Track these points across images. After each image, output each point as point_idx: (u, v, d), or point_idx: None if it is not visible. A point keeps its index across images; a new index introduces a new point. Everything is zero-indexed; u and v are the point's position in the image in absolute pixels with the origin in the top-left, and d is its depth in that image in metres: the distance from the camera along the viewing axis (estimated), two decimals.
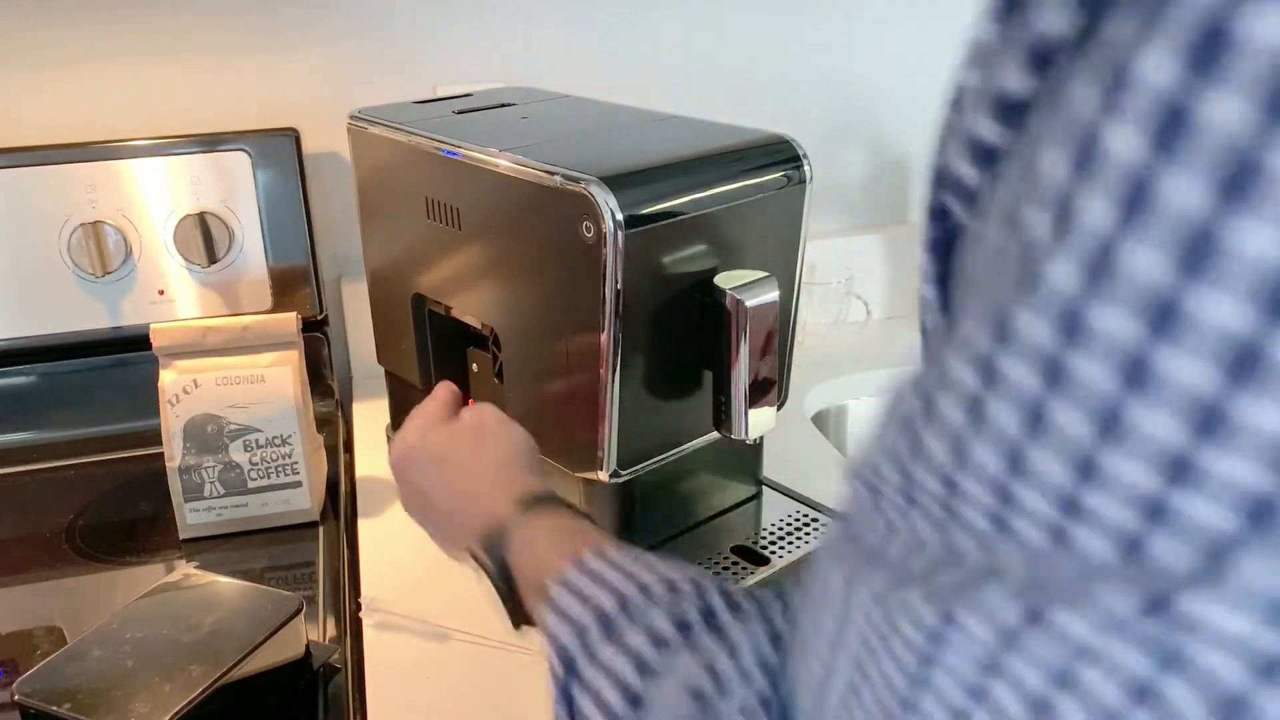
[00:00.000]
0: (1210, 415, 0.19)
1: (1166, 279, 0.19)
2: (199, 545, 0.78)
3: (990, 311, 0.23)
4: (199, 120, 0.95)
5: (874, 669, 0.26)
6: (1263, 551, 0.19)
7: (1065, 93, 0.21)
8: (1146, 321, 0.19)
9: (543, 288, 0.65)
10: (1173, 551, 0.20)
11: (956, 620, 0.24)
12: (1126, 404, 0.20)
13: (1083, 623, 0.22)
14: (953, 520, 0.24)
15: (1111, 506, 0.21)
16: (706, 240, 0.64)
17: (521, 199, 0.63)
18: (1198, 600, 0.20)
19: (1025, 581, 0.23)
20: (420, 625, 0.69)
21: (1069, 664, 0.22)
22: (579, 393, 0.64)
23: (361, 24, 0.97)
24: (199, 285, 0.94)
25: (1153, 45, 0.18)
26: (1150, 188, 0.19)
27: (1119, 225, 0.19)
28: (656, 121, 0.73)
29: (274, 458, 0.78)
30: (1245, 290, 0.18)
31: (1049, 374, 0.21)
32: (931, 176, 0.27)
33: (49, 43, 0.91)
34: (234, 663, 0.57)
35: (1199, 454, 0.19)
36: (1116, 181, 0.19)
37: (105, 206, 0.90)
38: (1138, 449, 0.20)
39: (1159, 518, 0.20)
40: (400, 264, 0.79)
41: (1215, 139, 0.18)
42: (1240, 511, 0.19)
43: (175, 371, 0.77)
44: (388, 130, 0.75)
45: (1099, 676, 0.22)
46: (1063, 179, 0.20)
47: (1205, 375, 0.19)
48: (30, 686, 0.55)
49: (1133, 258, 0.19)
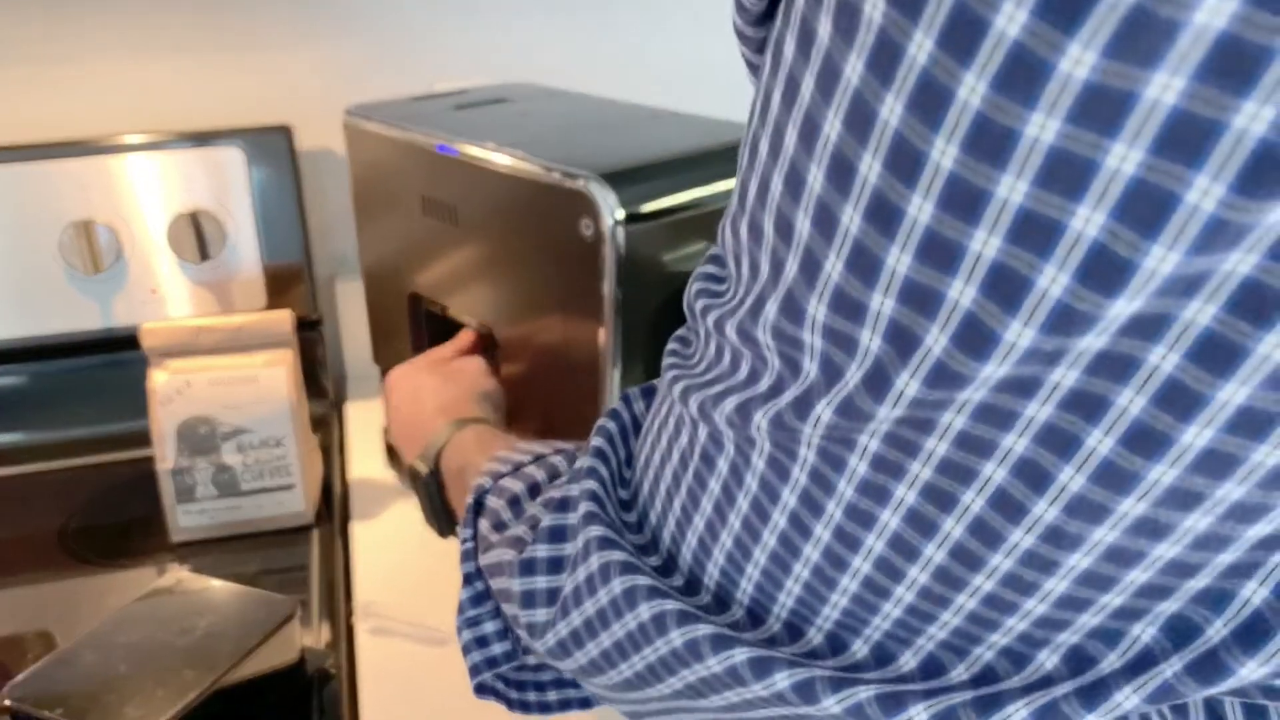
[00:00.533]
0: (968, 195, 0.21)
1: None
2: (191, 548, 0.78)
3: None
4: (191, 117, 0.94)
5: (675, 445, 0.33)
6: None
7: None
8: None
9: (541, 286, 0.64)
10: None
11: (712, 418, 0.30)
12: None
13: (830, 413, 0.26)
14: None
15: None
16: (707, 238, 0.63)
17: (519, 196, 0.63)
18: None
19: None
20: (416, 630, 0.68)
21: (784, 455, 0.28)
22: (578, 392, 0.63)
23: (357, 19, 0.96)
24: (192, 284, 0.93)
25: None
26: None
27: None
28: (656, 118, 0.73)
29: (267, 459, 0.77)
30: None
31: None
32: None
33: (39, 39, 0.90)
34: (228, 667, 0.56)
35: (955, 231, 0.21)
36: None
37: (97, 204, 0.89)
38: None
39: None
40: (396, 262, 0.78)
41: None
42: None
43: (167, 372, 0.76)
44: (383, 127, 0.74)
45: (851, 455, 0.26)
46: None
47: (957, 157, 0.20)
48: (21, 691, 0.54)
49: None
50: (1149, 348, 0.21)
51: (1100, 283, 0.20)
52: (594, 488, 0.37)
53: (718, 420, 0.30)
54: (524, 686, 0.45)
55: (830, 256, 0.24)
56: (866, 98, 0.21)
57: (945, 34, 0.19)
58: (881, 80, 0.21)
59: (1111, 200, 0.19)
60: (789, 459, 0.28)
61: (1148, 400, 0.21)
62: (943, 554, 0.26)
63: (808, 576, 0.29)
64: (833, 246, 0.23)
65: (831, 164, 0.23)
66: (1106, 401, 0.22)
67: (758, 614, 0.31)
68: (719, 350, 0.30)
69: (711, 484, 0.31)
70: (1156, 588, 0.24)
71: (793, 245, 0.25)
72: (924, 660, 0.28)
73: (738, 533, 0.30)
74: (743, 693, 0.30)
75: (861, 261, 0.23)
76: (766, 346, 0.27)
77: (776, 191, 0.25)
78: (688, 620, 0.31)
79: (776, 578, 0.30)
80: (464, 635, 0.45)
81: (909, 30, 0.20)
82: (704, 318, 0.31)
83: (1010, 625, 0.26)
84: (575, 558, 0.36)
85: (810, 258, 0.24)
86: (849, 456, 0.26)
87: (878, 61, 0.21)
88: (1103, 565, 0.24)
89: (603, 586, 0.34)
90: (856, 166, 0.22)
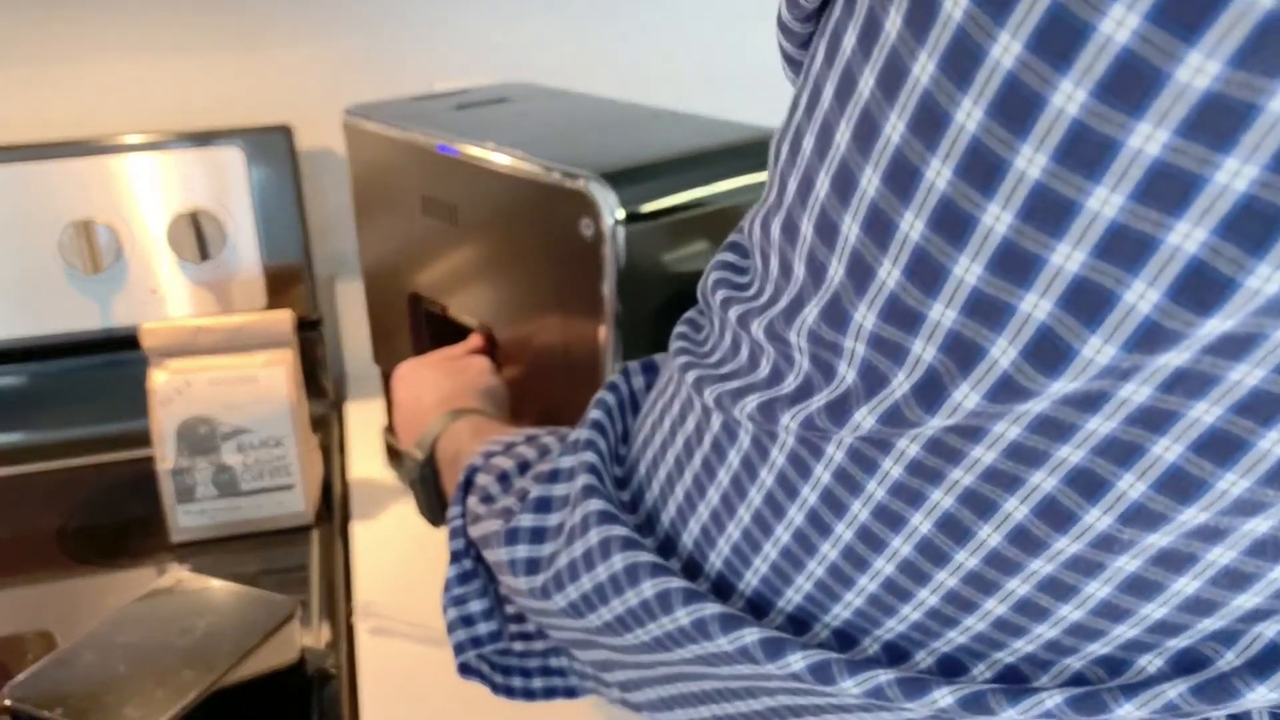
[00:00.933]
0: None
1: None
2: (191, 548, 0.77)
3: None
4: (191, 117, 0.94)
5: (680, 431, 0.33)
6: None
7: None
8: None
9: (541, 286, 0.64)
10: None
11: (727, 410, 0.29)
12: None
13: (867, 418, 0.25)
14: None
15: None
16: (707, 238, 0.63)
17: (519, 196, 0.63)
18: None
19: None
20: (416, 630, 0.68)
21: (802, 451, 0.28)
22: (578, 392, 0.63)
23: (357, 18, 0.96)
24: (191, 283, 0.93)
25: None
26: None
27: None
28: (657, 117, 0.73)
29: (267, 459, 0.77)
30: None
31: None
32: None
33: (38, 39, 0.90)
34: (228, 668, 0.56)
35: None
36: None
37: (97, 204, 0.89)
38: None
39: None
40: (396, 262, 0.78)
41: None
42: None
43: (167, 372, 0.75)
44: (383, 126, 0.74)
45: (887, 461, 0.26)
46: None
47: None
48: (21, 691, 0.54)
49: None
50: (1234, 366, 0.20)
51: (1195, 300, 0.19)
52: (592, 460, 0.36)
53: (737, 415, 0.29)
54: (509, 671, 0.45)
55: (885, 263, 0.23)
56: (938, 99, 0.21)
57: (1038, 37, 0.19)
58: (957, 82, 0.20)
59: (1218, 217, 0.18)
60: (813, 456, 0.27)
61: (1225, 409, 0.21)
62: (976, 560, 0.25)
63: (821, 574, 0.28)
64: (888, 253, 0.23)
65: (891, 167, 0.22)
66: (1177, 415, 0.21)
67: (761, 606, 0.31)
68: (735, 344, 0.30)
69: (720, 474, 0.31)
70: (1204, 602, 0.24)
71: (837, 249, 0.24)
72: (941, 660, 0.28)
73: (747, 525, 0.30)
74: (755, 669, 0.30)
75: (923, 270, 0.22)
76: (798, 349, 0.27)
77: (821, 192, 0.25)
78: (694, 599, 0.31)
79: (786, 573, 0.29)
80: (449, 613, 0.45)
81: (993, 31, 0.19)
82: (724, 310, 0.30)
83: (1039, 632, 0.26)
84: (573, 530, 0.35)
85: (860, 263, 0.24)
86: (882, 459, 0.26)
87: (954, 62, 0.20)
88: (1152, 570, 0.23)
89: (602, 562, 0.33)
90: (922, 171, 0.21)
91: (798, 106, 0.27)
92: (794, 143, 0.26)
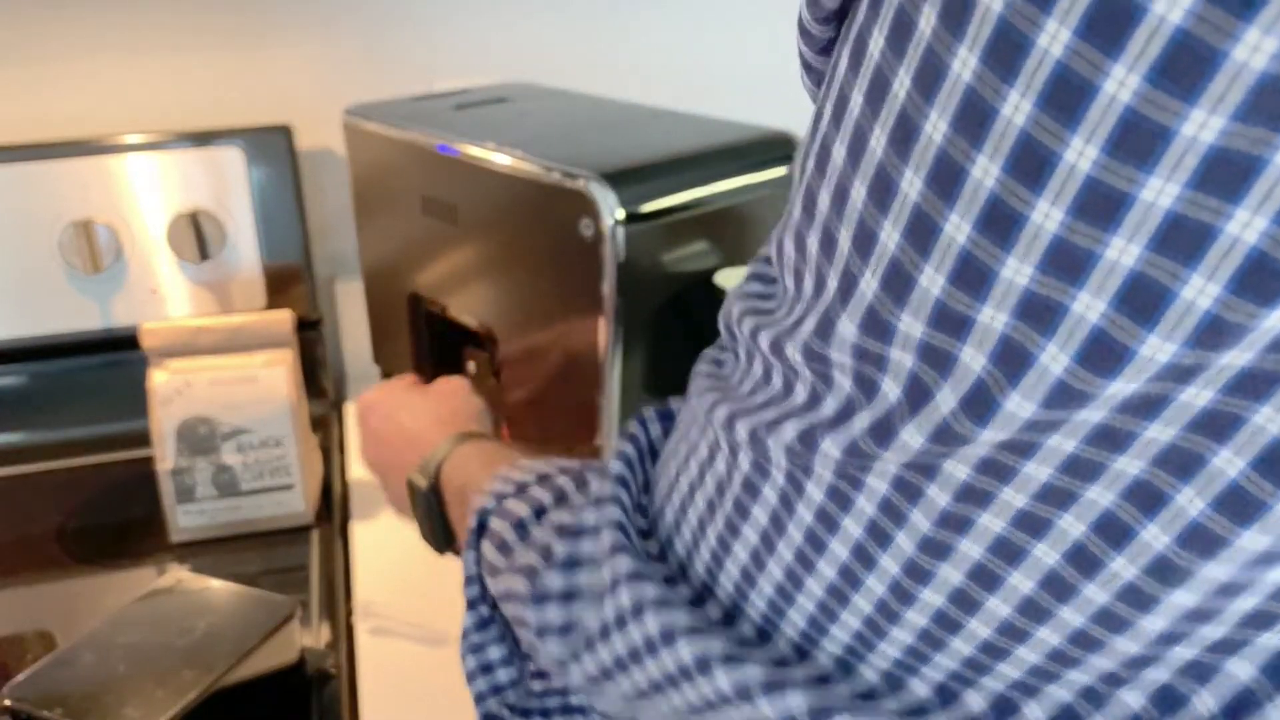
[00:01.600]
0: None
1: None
2: (191, 548, 0.77)
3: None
4: (191, 116, 0.94)
5: (709, 472, 0.32)
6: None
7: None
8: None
9: (541, 286, 0.64)
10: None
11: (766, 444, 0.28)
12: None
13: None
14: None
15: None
16: (707, 237, 0.63)
17: (519, 196, 0.63)
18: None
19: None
20: (416, 630, 0.68)
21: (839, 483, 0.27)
22: (578, 392, 0.63)
23: (356, 18, 0.96)
24: (191, 283, 0.93)
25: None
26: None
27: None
28: (656, 117, 0.73)
29: (267, 460, 0.77)
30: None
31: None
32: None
33: (37, 39, 0.90)
34: (227, 668, 0.56)
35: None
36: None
37: (96, 204, 0.89)
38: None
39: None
40: (396, 262, 0.78)
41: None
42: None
43: (167, 372, 0.75)
44: (383, 126, 0.74)
45: (934, 489, 0.25)
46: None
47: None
48: (21, 691, 0.54)
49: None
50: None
51: (1257, 292, 0.18)
52: (618, 516, 0.35)
53: (772, 447, 0.28)
54: (529, 714, 0.44)
55: (926, 269, 0.22)
56: (983, 94, 0.20)
57: (1088, 22, 0.18)
58: (1003, 75, 0.20)
59: (1278, 203, 0.17)
60: (853, 488, 0.26)
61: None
62: (1031, 584, 0.24)
63: (869, 611, 0.27)
64: (930, 258, 0.22)
65: (935, 168, 0.21)
66: (1240, 420, 0.20)
67: (805, 649, 0.30)
68: (767, 372, 0.29)
69: (756, 513, 0.30)
70: (1265, 614, 0.23)
71: (873, 256, 0.24)
72: (995, 701, 0.26)
73: (789, 564, 0.29)
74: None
75: (969, 273, 0.21)
76: (838, 367, 0.26)
77: (858, 200, 0.24)
78: (734, 662, 0.30)
79: (833, 610, 0.28)
80: (468, 662, 0.44)
81: (1038, 20, 0.19)
82: (754, 338, 0.29)
83: (1095, 663, 0.25)
84: (603, 592, 0.34)
85: (900, 271, 0.23)
86: (929, 486, 0.25)
87: (998, 54, 0.20)
88: (1213, 600, 0.23)
89: (635, 624, 0.32)
90: (967, 170, 0.21)
91: (822, 117, 0.26)
92: (821, 155, 0.26)
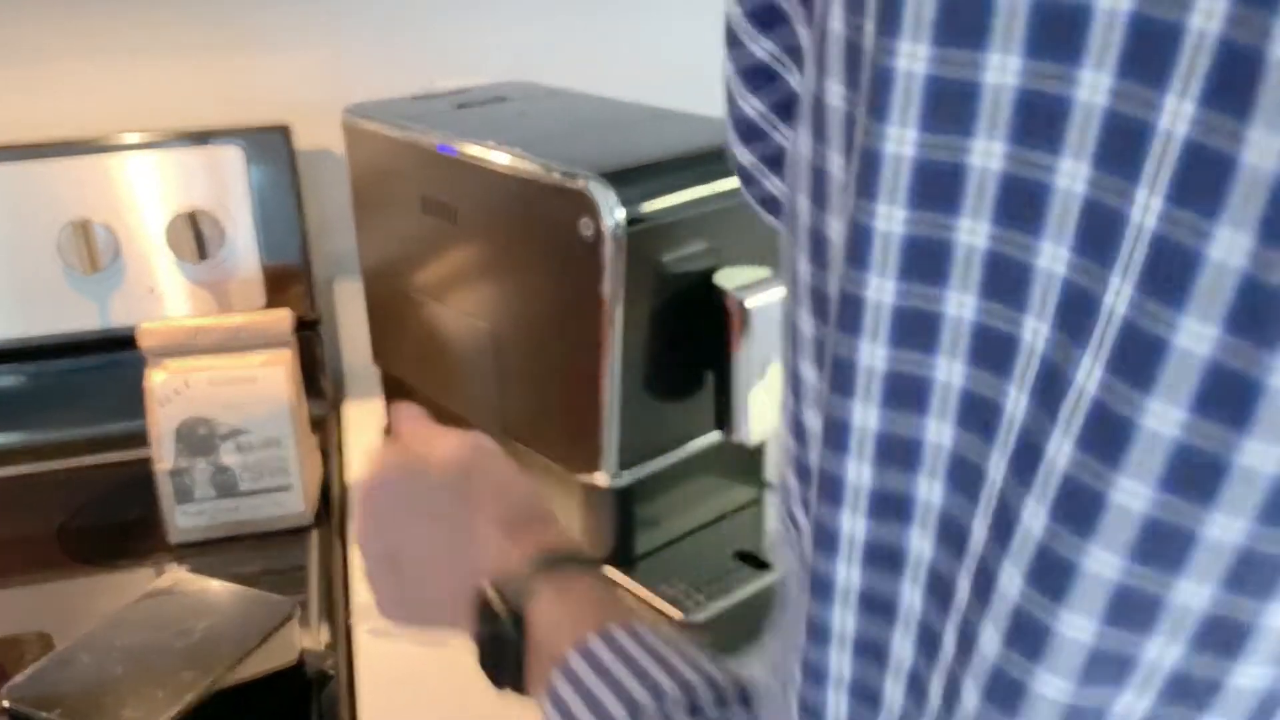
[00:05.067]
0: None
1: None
2: (190, 549, 0.77)
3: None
4: (190, 116, 0.94)
5: None
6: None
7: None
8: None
9: (541, 286, 0.64)
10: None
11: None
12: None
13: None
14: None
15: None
16: (707, 238, 0.63)
17: (519, 196, 0.63)
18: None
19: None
20: (415, 631, 0.68)
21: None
22: (578, 393, 0.63)
23: (356, 17, 0.96)
24: (190, 283, 0.93)
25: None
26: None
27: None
28: (657, 117, 0.73)
29: (266, 460, 0.77)
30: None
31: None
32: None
33: (37, 39, 0.90)
34: (226, 669, 0.56)
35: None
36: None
37: (95, 203, 0.89)
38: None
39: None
40: (396, 262, 0.78)
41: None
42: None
43: (165, 372, 0.75)
44: (383, 126, 0.74)
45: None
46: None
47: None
48: (19, 692, 0.54)
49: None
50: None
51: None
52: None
53: None
54: None
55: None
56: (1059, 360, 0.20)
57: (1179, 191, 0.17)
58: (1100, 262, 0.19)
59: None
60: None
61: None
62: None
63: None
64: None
65: (976, 343, 0.21)
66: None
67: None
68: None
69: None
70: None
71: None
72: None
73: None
74: None
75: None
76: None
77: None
78: None
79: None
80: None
81: (1130, 192, 0.18)
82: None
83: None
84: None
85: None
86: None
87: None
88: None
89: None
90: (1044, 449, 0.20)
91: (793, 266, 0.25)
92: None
